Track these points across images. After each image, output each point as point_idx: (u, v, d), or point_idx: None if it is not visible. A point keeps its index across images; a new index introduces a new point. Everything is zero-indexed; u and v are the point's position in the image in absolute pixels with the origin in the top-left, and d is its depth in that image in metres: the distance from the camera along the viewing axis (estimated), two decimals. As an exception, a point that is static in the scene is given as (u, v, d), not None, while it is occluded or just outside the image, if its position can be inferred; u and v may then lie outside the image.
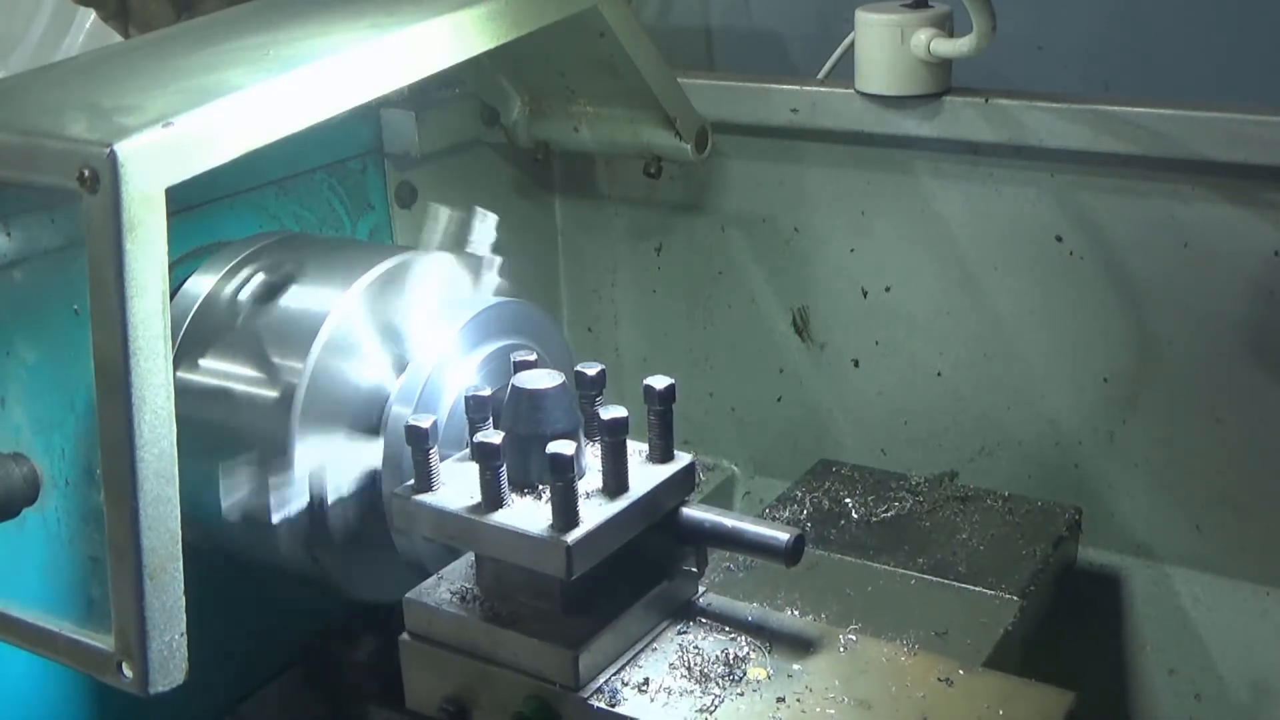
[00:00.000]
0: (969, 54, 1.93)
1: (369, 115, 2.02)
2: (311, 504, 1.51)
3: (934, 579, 1.84)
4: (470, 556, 1.46)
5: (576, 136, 2.15)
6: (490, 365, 1.60)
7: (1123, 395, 2.06)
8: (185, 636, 1.30)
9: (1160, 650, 2.14)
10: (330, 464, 1.52)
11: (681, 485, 1.44)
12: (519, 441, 1.38)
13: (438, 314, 1.61)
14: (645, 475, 1.40)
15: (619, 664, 1.39)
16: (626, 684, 1.36)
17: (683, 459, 1.44)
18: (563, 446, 1.29)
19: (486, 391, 1.45)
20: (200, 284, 1.63)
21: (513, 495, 1.37)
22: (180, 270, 1.63)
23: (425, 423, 1.38)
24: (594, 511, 1.34)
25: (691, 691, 1.35)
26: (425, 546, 1.53)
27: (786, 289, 2.29)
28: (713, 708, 1.33)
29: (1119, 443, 2.09)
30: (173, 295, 1.56)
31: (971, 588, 1.82)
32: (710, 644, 1.42)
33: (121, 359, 1.23)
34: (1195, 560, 2.08)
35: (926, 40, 1.96)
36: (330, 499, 1.51)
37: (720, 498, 2.40)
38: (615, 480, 1.37)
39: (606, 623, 1.37)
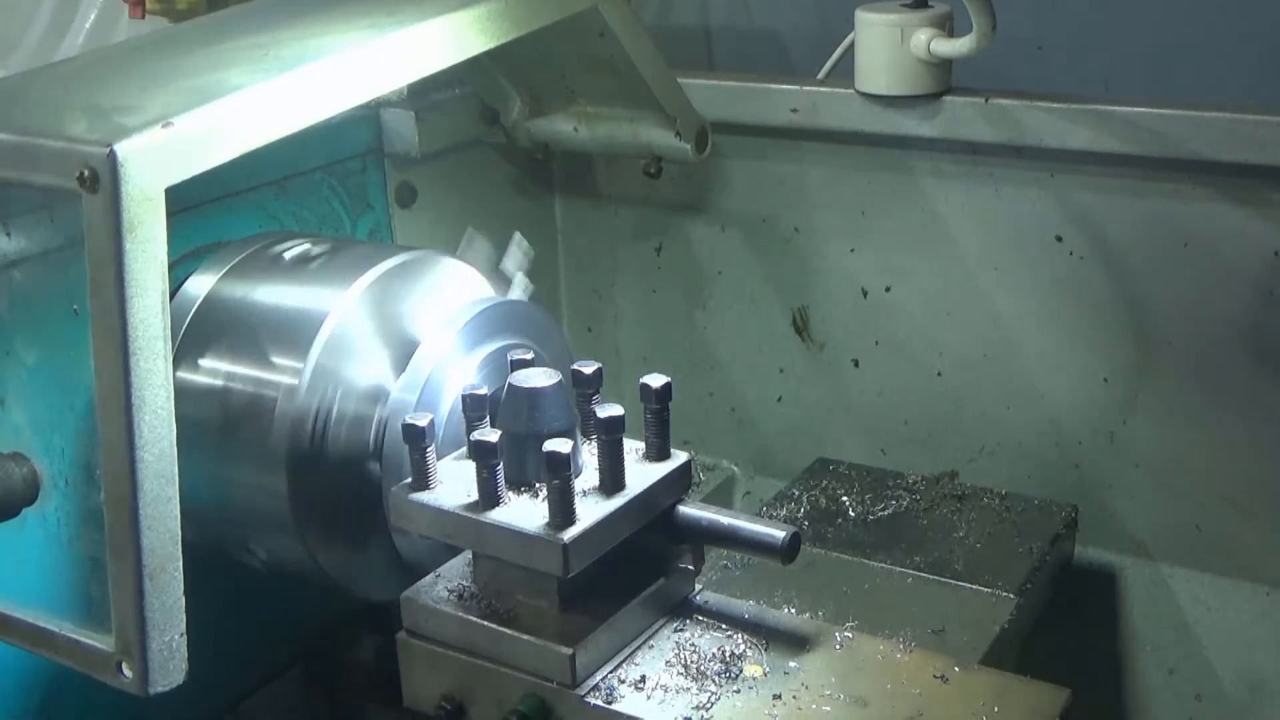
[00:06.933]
0: (969, 54, 1.93)
1: (369, 115, 2.03)
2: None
3: (930, 577, 1.84)
4: (468, 555, 1.46)
5: (576, 136, 2.15)
6: (490, 365, 1.60)
7: (1123, 395, 2.06)
8: (185, 636, 1.31)
9: (1160, 650, 2.14)
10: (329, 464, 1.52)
11: (678, 483, 1.44)
12: (516, 440, 1.38)
13: (438, 314, 1.62)
14: (642, 473, 1.41)
15: (616, 661, 1.39)
16: (623, 681, 1.36)
17: (679, 457, 1.44)
18: (559, 445, 1.29)
19: (484, 390, 1.45)
20: (200, 284, 1.63)
21: (510, 493, 1.38)
22: (180, 270, 1.63)
23: (422, 421, 1.38)
24: (590, 509, 1.35)
25: (688, 689, 1.36)
26: (423, 544, 1.53)
27: (786, 289, 2.29)
28: (709, 705, 1.34)
29: (1119, 443, 2.09)
30: (173, 295, 1.56)
31: (968, 585, 1.82)
32: (707, 641, 1.43)
33: (121, 359, 1.24)
34: (1195, 560, 2.09)
35: (926, 40, 1.97)
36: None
37: (720, 498, 2.40)
38: (612, 478, 1.38)
39: (603, 620, 1.38)
